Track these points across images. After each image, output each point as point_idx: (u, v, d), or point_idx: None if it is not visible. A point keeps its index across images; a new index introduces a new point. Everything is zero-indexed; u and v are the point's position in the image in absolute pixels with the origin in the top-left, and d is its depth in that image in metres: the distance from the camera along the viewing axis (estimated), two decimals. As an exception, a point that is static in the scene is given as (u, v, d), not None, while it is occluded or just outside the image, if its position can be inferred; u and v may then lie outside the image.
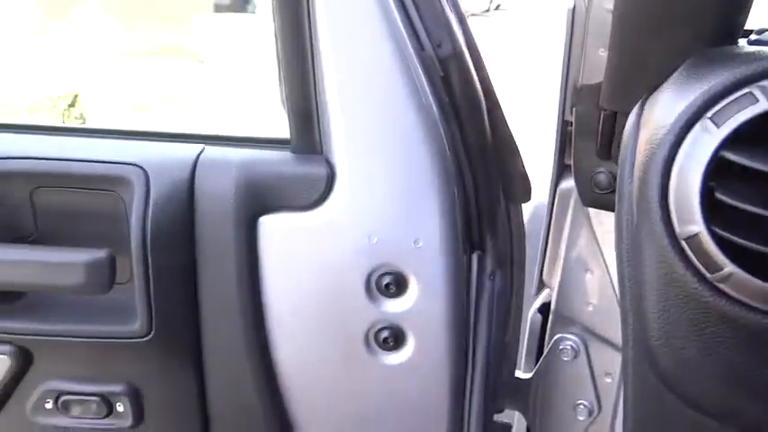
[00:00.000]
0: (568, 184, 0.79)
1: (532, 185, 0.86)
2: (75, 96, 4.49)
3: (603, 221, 0.80)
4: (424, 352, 0.80)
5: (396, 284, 0.77)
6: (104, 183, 0.77)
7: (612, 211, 0.71)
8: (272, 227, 0.76)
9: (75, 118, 4.30)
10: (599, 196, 0.74)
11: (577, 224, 0.83)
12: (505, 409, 0.94)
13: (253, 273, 0.77)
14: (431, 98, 0.74)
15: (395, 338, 0.79)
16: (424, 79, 0.74)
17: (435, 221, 0.76)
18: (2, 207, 0.77)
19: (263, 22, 4.51)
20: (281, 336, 0.80)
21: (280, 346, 0.80)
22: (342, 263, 0.77)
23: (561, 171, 0.81)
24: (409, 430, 0.85)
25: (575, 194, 0.79)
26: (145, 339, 0.77)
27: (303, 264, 0.78)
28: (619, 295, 0.66)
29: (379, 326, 0.78)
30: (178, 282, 0.77)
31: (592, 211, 0.80)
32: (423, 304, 0.78)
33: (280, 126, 0.81)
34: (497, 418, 0.94)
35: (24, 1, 5.90)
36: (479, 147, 0.79)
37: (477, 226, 0.80)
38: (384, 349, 0.79)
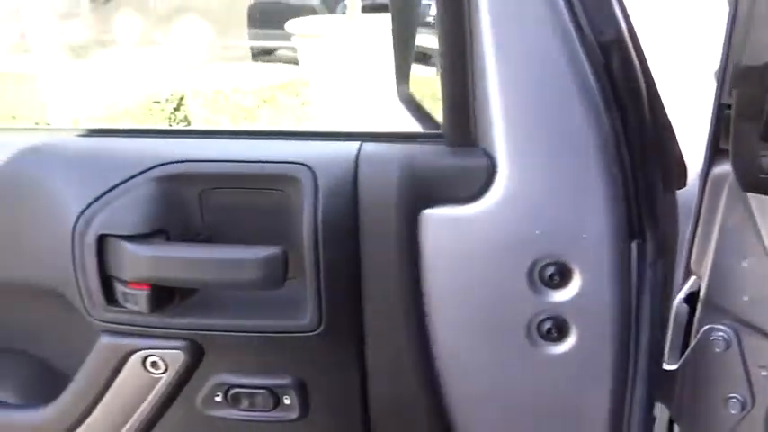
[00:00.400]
0: (722, 169, 0.76)
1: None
2: (180, 100, 4.71)
3: (766, 208, 0.76)
4: (587, 342, 0.78)
5: (559, 275, 0.76)
6: (272, 182, 0.79)
7: None
8: (433, 220, 0.77)
9: (181, 120, 4.52)
10: (762, 181, 0.71)
11: (733, 210, 0.79)
12: None
13: (414, 266, 0.78)
14: (594, 86, 0.73)
15: (558, 329, 0.78)
16: (587, 66, 0.72)
17: (600, 211, 0.74)
18: (172, 208, 0.81)
19: (353, 22, 4.59)
20: (442, 328, 0.81)
21: (440, 338, 0.81)
22: (504, 254, 0.77)
23: (714, 155, 0.77)
24: (569, 420, 0.84)
25: (730, 180, 0.76)
26: (314, 333, 0.80)
27: (464, 256, 0.78)
28: None
29: (542, 317, 0.78)
30: (344, 276, 0.79)
31: (751, 196, 0.77)
32: (586, 294, 0.77)
33: (389, 121, 0.82)
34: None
35: (130, 13, 6.25)
36: (641, 134, 0.76)
37: (637, 214, 0.78)
38: (547, 340, 0.79)
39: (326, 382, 0.86)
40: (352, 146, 0.80)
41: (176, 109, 4.64)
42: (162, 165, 0.81)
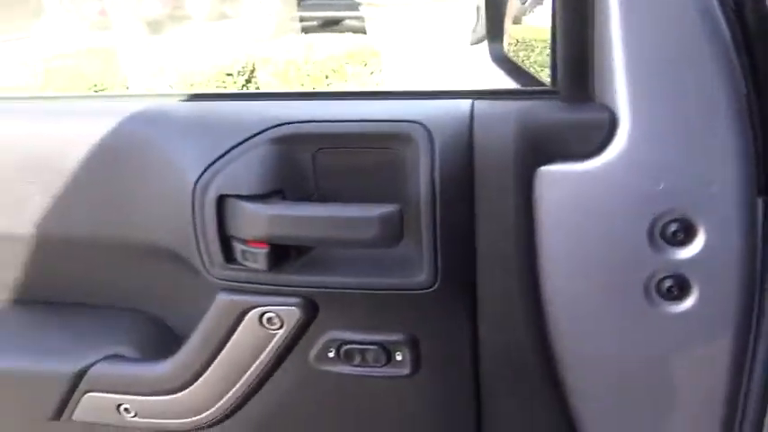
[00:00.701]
0: None
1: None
2: (252, 72, 4.79)
3: None
4: (708, 301, 0.76)
5: (683, 231, 0.73)
6: (385, 141, 0.79)
7: None
8: (549, 177, 0.76)
9: (252, 91, 4.60)
10: None
11: None
12: None
13: (529, 224, 0.77)
14: (725, 33, 0.69)
15: (679, 288, 0.76)
16: (718, 12, 0.69)
17: (728, 165, 0.71)
18: (287, 169, 0.82)
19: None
20: (556, 286, 0.80)
21: (554, 297, 0.80)
22: (624, 211, 0.75)
23: None
24: (685, 380, 0.82)
25: None
26: (428, 291, 0.80)
27: (582, 213, 0.76)
28: None
29: (662, 275, 0.76)
30: (460, 234, 0.79)
31: None
32: (710, 252, 0.74)
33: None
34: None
35: (200, -12, 6.36)
36: None
37: (765, 169, 0.74)
38: (666, 299, 0.76)
39: (438, 339, 0.86)
40: (465, 104, 0.79)
41: (248, 81, 4.73)
42: (276, 126, 0.82)
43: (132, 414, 0.98)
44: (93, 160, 0.89)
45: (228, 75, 4.69)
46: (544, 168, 0.76)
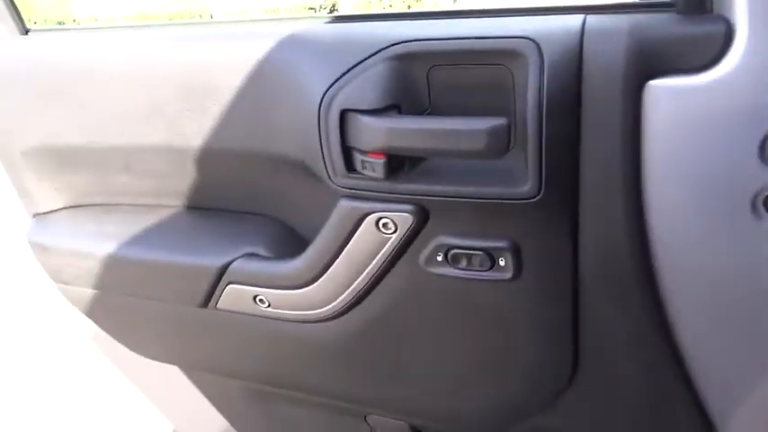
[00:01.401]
0: None
1: None
2: (333, 6, 4.79)
3: None
4: None
5: None
6: (496, 57, 0.82)
7: None
8: (660, 90, 0.76)
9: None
10: None
11: None
12: None
13: (636, 137, 0.78)
14: None
15: None
16: None
17: None
18: (403, 85, 0.87)
19: None
20: (660, 199, 0.81)
21: (657, 208, 0.81)
22: (735, 125, 0.74)
23: None
24: None
25: None
26: (532, 201, 0.83)
27: (692, 127, 0.76)
28: None
29: None
30: (565, 147, 0.81)
31: None
32: None
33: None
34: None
35: None
36: None
37: None
38: None
39: (540, 247, 0.89)
40: (577, 19, 0.80)
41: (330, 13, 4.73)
42: (393, 45, 0.86)
43: (266, 305, 1.10)
44: (237, 81, 0.96)
45: (311, 9, 4.70)
46: (654, 82, 0.76)
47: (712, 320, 0.88)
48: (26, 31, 1.20)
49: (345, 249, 0.99)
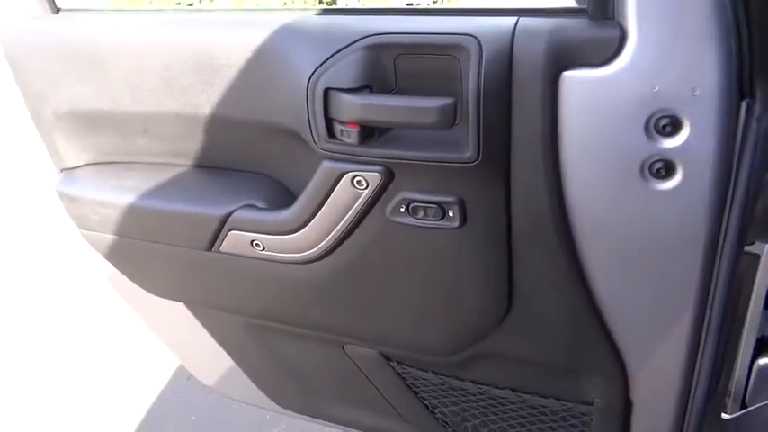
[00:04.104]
0: None
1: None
2: None
3: None
4: (690, 181, 0.90)
5: (671, 125, 0.87)
6: (447, 49, 0.96)
7: None
8: (572, 80, 0.90)
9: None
10: None
11: None
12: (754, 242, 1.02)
13: (553, 117, 0.93)
14: None
15: (666, 169, 0.90)
16: None
17: (713, 71, 0.83)
18: (375, 70, 1.00)
19: None
20: (572, 165, 0.96)
21: (570, 172, 0.96)
22: (627, 108, 0.89)
23: None
24: (671, 246, 0.96)
25: None
26: (473, 164, 0.95)
27: (594, 110, 0.91)
28: None
29: (654, 159, 0.90)
30: (499, 121, 0.95)
31: None
32: (694, 142, 0.88)
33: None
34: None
35: None
36: None
37: (749, 74, 0.86)
38: (656, 178, 0.91)
39: (480, 203, 1.00)
40: (511, 20, 0.94)
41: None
42: (368, 36, 1.00)
43: (261, 248, 1.20)
44: (240, 61, 1.05)
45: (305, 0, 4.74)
46: (568, 73, 0.90)
47: (619, 268, 0.99)
48: (57, 11, 1.32)
49: (326, 202, 1.08)
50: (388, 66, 0.97)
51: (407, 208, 1.04)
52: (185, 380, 2.73)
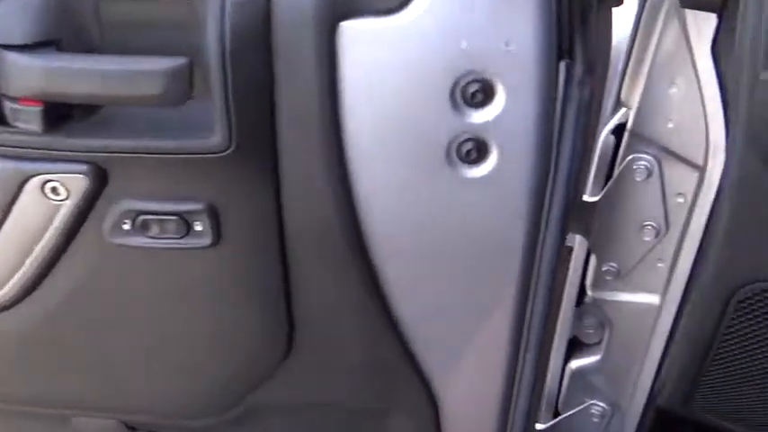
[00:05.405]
0: None
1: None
2: None
3: (701, 25, 0.78)
4: (507, 165, 0.80)
5: (482, 93, 0.76)
6: None
7: (714, 11, 0.74)
8: (352, 33, 0.75)
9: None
10: None
11: (669, 30, 0.81)
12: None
13: (332, 84, 0.77)
14: None
15: (477, 151, 0.79)
16: None
17: (528, 23, 0.74)
18: (65, 18, 0.76)
19: None
20: (361, 149, 0.81)
21: (358, 158, 0.81)
22: (426, 70, 0.76)
23: None
24: (483, 246, 0.87)
25: None
26: (224, 154, 0.78)
27: (385, 72, 0.77)
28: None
29: (463, 138, 0.78)
30: (256, 92, 0.77)
31: (689, 13, 0.78)
32: (509, 114, 0.77)
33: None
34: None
35: None
36: None
37: (568, 31, 0.78)
38: (466, 162, 0.80)
39: (240, 207, 0.86)
40: None
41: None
42: None
43: None
44: None
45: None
46: (346, 24, 0.74)
47: (425, 281, 0.91)
48: None
49: (7, 221, 0.87)
50: (88, 13, 0.78)
51: (134, 223, 0.87)
52: None
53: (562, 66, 0.78)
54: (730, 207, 0.77)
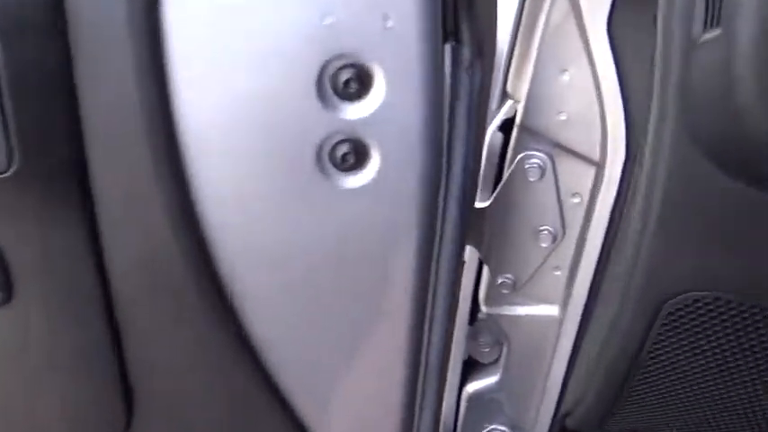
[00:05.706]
0: None
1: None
2: None
3: (596, 6, 0.74)
4: (391, 170, 0.70)
5: (358, 81, 0.65)
6: None
7: None
8: (184, 4, 0.61)
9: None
10: None
11: (559, 6, 0.76)
12: None
13: (157, 71, 0.63)
14: None
15: (355, 154, 0.68)
16: None
17: (408, 2, 0.64)
18: None
19: None
20: (206, 163, 0.67)
21: (202, 174, 0.67)
22: (285, 54, 0.64)
23: None
24: (369, 266, 0.77)
25: None
26: (5, 177, 0.62)
27: (230, 57, 0.63)
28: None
29: (336, 139, 0.67)
30: (45, 88, 0.62)
31: None
32: (391, 107, 0.67)
33: None
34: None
35: None
36: None
37: (453, 10, 0.69)
38: (342, 170, 0.69)
39: (35, 247, 0.70)
40: None
41: None
42: None
43: None
44: None
45: None
46: None
47: (297, 320, 0.81)
48: None
49: None
50: None
51: None
52: None
53: (447, 48, 0.69)
54: (660, 207, 0.73)
